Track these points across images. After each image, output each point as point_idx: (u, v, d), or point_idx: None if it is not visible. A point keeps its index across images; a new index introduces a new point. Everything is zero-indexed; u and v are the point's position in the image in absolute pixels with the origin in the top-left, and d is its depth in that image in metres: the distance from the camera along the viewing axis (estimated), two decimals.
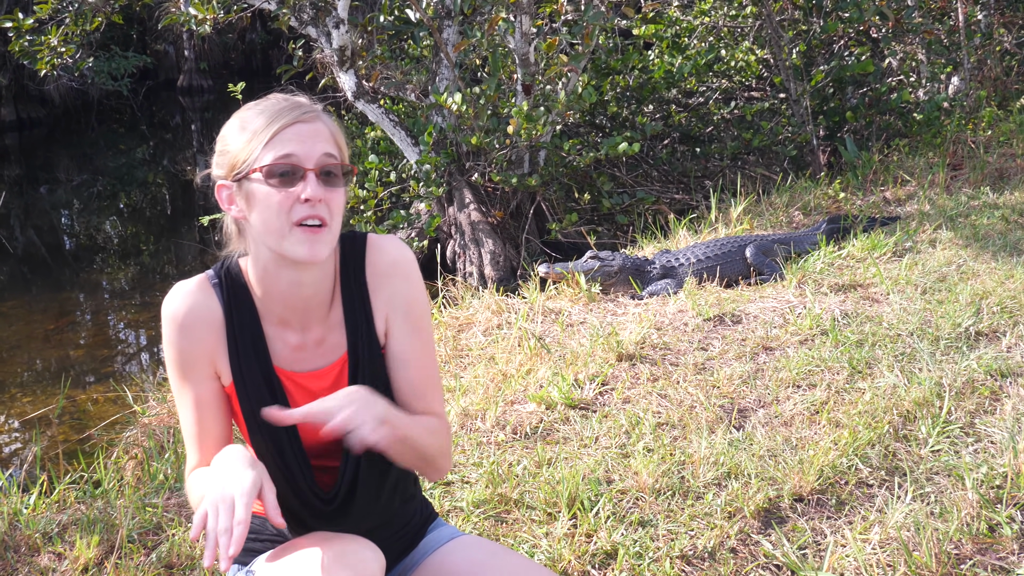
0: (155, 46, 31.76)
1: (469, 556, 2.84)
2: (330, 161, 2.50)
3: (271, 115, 2.49)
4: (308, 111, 2.51)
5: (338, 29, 10.32)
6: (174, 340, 2.60)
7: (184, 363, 2.61)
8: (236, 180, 2.53)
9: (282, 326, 2.67)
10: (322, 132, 2.52)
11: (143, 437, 5.83)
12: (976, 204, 8.99)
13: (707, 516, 4.23)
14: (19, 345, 9.93)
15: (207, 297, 2.62)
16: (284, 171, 2.46)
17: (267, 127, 2.48)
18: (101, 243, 15.57)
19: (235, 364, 2.62)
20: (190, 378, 2.62)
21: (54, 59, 11.55)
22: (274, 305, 2.64)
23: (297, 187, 2.46)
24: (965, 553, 3.90)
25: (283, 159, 2.46)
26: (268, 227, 2.49)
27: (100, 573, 4.04)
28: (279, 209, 2.46)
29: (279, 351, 2.66)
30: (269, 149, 2.47)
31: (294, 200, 2.46)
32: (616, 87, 12.32)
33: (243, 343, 2.61)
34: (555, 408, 5.37)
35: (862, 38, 12.88)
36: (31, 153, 22.85)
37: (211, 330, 2.61)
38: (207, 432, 2.66)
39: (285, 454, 2.65)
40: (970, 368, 5.46)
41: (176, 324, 2.59)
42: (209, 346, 2.61)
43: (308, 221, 2.46)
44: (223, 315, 2.62)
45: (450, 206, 10.76)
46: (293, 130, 2.48)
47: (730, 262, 7.56)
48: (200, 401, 2.64)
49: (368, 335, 2.72)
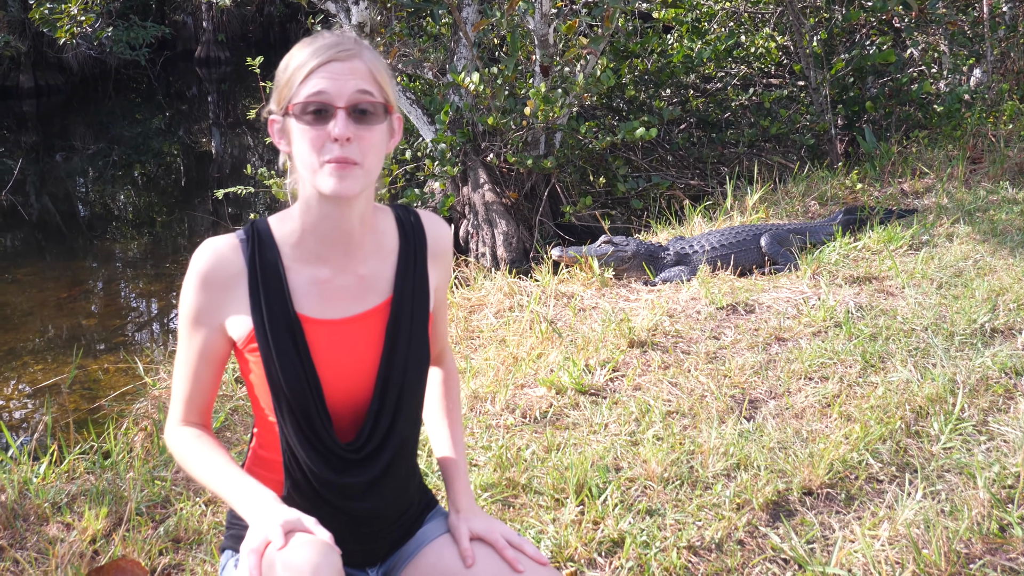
0: (174, 16, 31.74)
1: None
2: (364, 98, 2.50)
3: (311, 52, 2.52)
4: (346, 48, 2.52)
5: (358, 5, 10.28)
6: (192, 293, 2.62)
7: (198, 312, 2.62)
8: (283, 116, 2.58)
9: (318, 264, 2.65)
10: (358, 69, 2.52)
11: (153, 409, 5.83)
12: (995, 199, 8.95)
13: (715, 507, 4.22)
14: (32, 312, 9.95)
15: (231, 252, 2.62)
16: (315, 108, 2.48)
17: (305, 63, 2.51)
18: (115, 212, 15.57)
19: (256, 310, 2.60)
20: (199, 327, 2.63)
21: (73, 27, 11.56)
22: (314, 242, 2.64)
23: (328, 125, 2.48)
24: (975, 553, 3.89)
25: (314, 96, 2.48)
26: (303, 163, 2.52)
27: (108, 545, 4.04)
28: (310, 147, 2.49)
29: (306, 297, 2.64)
30: (304, 85, 2.50)
31: (325, 139, 2.48)
32: (634, 70, 12.29)
33: (264, 290, 2.60)
34: (565, 393, 5.36)
35: (884, 27, 12.80)
36: (48, 120, 22.86)
37: (231, 283, 2.61)
38: (199, 386, 2.68)
39: (308, 410, 2.62)
40: (985, 365, 5.43)
41: (199, 276, 2.60)
42: (225, 301, 2.61)
43: (336, 159, 2.48)
44: (246, 267, 2.62)
45: (464, 186, 10.74)
46: (328, 68, 2.49)
47: (745, 251, 7.53)
48: (203, 351, 2.65)
49: (422, 294, 2.77)
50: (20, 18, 22.85)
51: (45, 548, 4.02)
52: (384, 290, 2.71)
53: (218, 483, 2.56)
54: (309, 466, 2.64)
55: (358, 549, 2.78)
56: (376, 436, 2.67)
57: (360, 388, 2.67)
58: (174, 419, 2.73)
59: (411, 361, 2.72)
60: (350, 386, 2.64)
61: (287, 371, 2.59)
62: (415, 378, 2.74)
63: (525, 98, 9.86)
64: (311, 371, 2.61)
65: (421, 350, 2.75)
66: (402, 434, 2.75)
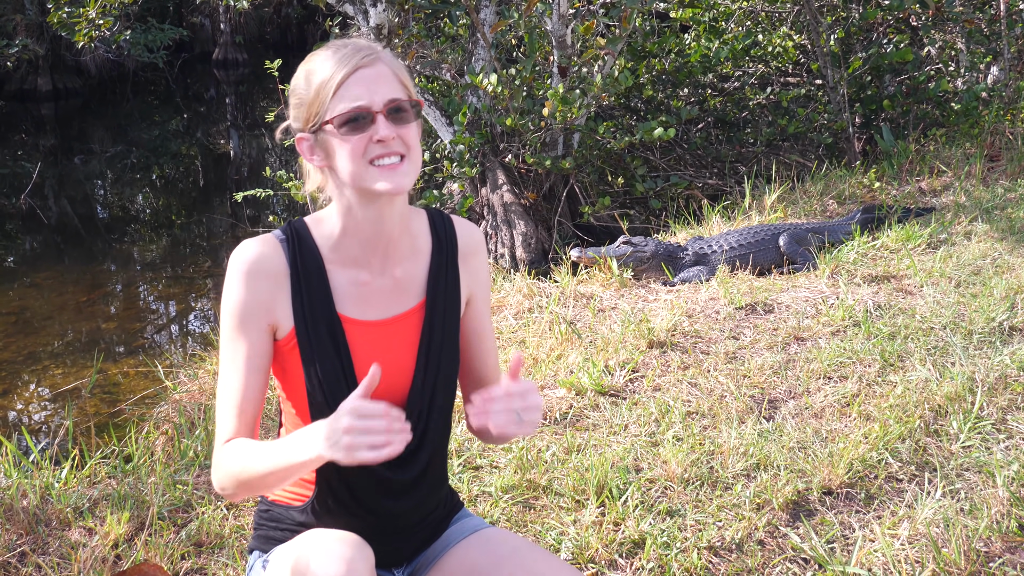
0: (191, 19, 31.82)
1: (491, 551, 2.81)
2: (398, 99, 2.55)
3: (334, 64, 2.54)
4: (368, 54, 2.55)
5: (375, 7, 10.30)
6: (238, 289, 2.60)
7: (243, 313, 2.60)
8: (312, 132, 2.59)
9: (357, 267, 2.68)
10: (384, 73, 2.56)
11: (174, 413, 5.85)
12: (1013, 197, 8.92)
13: (735, 507, 4.22)
14: (51, 316, 10.00)
15: (274, 250, 2.63)
16: (354, 117, 2.51)
17: (332, 77, 2.53)
18: (134, 215, 15.64)
19: (298, 309, 2.62)
20: (246, 330, 2.60)
21: (92, 31, 11.60)
22: (354, 245, 2.66)
23: (369, 131, 2.52)
24: (994, 551, 3.89)
25: (352, 107, 2.51)
26: (349, 172, 2.54)
27: (130, 549, 4.07)
28: (354, 154, 2.52)
29: (346, 298, 2.66)
30: (338, 99, 2.52)
31: (367, 143, 2.52)
32: (652, 70, 12.27)
33: (307, 289, 2.62)
34: (585, 394, 5.38)
35: (901, 26, 12.77)
36: (66, 123, 22.95)
37: (275, 281, 2.61)
38: (250, 395, 2.62)
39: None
40: (1003, 363, 5.43)
41: (242, 274, 2.60)
42: (270, 297, 2.61)
43: (384, 160, 2.53)
44: (288, 266, 2.63)
45: (483, 187, 10.76)
46: (357, 76, 2.52)
47: (763, 250, 7.53)
48: (251, 357, 2.61)
49: (453, 296, 2.79)
50: (38, 22, 22.95)
51: (67, 553, 4.04)
52: (418, 292, 2.75)
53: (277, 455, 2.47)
54: (351, 472, 2.63)
55: (385, 549, 2.79)
56: (414, 436, 2.66)
57: (397, 388, 2.70)
58: (223, 438, 2.63)
59: (444, 362, 2.76)
60: (387, 386, 2.66)
61: (327, 371, 2.62)
62: (448, 378, 2.78)
63: (543, 99, 9.87)
64: (350, 371, 2.64)
65: (453, 351, 2.80)
66: (437, 434, 2.79)
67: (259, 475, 2.50)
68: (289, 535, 2.72)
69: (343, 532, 2.51)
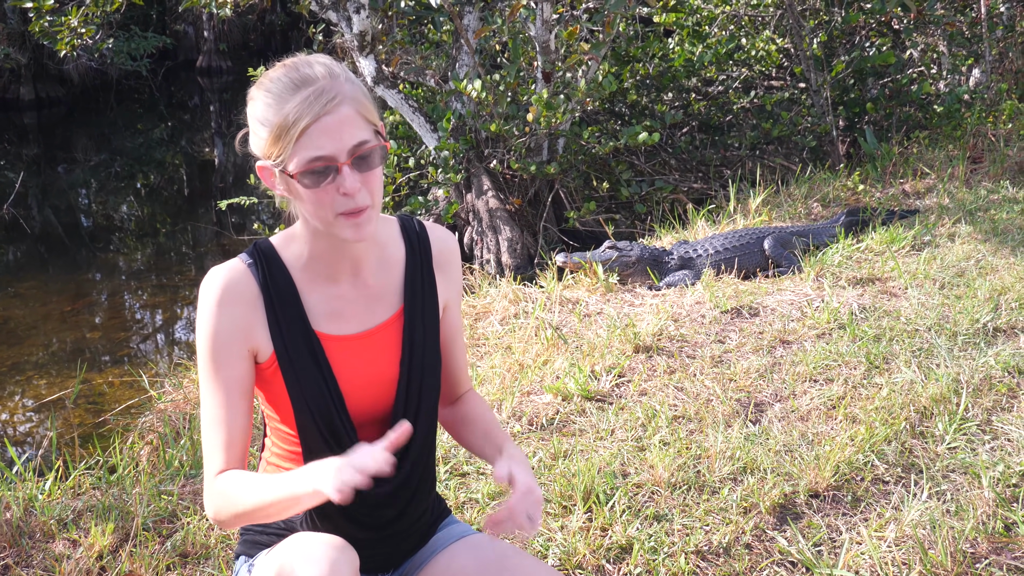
0: (175, 26, 31.72)
1: (478, 556, 2.81)
2: (363, 148, 2.45)
3: (297, 107, 2.41)
4: (331, 99, 2.42)
5: (359, 14, 10.30)
6: (211, 319, 2.56)
7: (219, 343, 2.55)
8: (278, 170, 2.50)
9: (329, 282, 2.65)
10: (348, 117, 2.43)
11: (159, 423, 5.83)
12: (996, 198, 8.95)
13: (722, 511, 4.22)
14: (35, 326, 9.95)
15: (243, 275, 2.59)
16: (319, 170, 2.42)
17: (291, 128, 2.41)
18: (118, 224, 15.58)
19: (275, 332, 2.59)
20: (224, 359, 2.56)
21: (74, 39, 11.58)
22: (321, 263, 2.64)
23: (335, 182, 2.43)
24: (981, 552, 3.89)
25: (315, 161, 2.41)
26: (313, 216, 2.49)
27: (115, 561, 4.04)
28: (320, 205, 2.45)
29: (322, 316, 2.64)
30: (298, 150, 2.42)
31: (333, 194, 2.44)
32: (636, 75, 12.30)
33: (281, 311, 2.59)
34: (571, 400, 5.37)
35: (883, 29, 12.81)
36: (50, 132, 22.87)
37: (249, 305, 2.58)
38: (236, 423, 2.57)
39: (333, 423, 2.63)
40: (988, 364, 5.44)
41: (214, 302, 2.55)
42: (246, 323, 2.57)
43: (350, 210, 2.45)
44: (259, 289, 2.59)
45: (468, 193, 10.76)
46: (319, 126, 2.40)
47: (748, 254, 7.54)
48: (232, 384, 2.57)
49: (431, 302, 2.78)
50: (20, 30, 22.84)
51: (51, 566, 4.02)
52: (394, 302, 2.73)
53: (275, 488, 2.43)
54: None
55: (372, 556, 2.79)
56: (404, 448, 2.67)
57: (382, 398, 2.69)
58: (215, 469, 2.58)
59: (427, 367, 2.75)
60: (372, 397, 2.67)
61: (310, 390, 2.60)
62: (432, 384, 2.77)
63: (527, 104, 9.88)
64: (334, 387, 2.62)
65: (435, 357, 2.79)
66: (423, 439, 2.78)
67: (258, 507, 2.46)
68: (275, 539, 2.71)
69: (327, 535, 2.51)
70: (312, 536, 2.51)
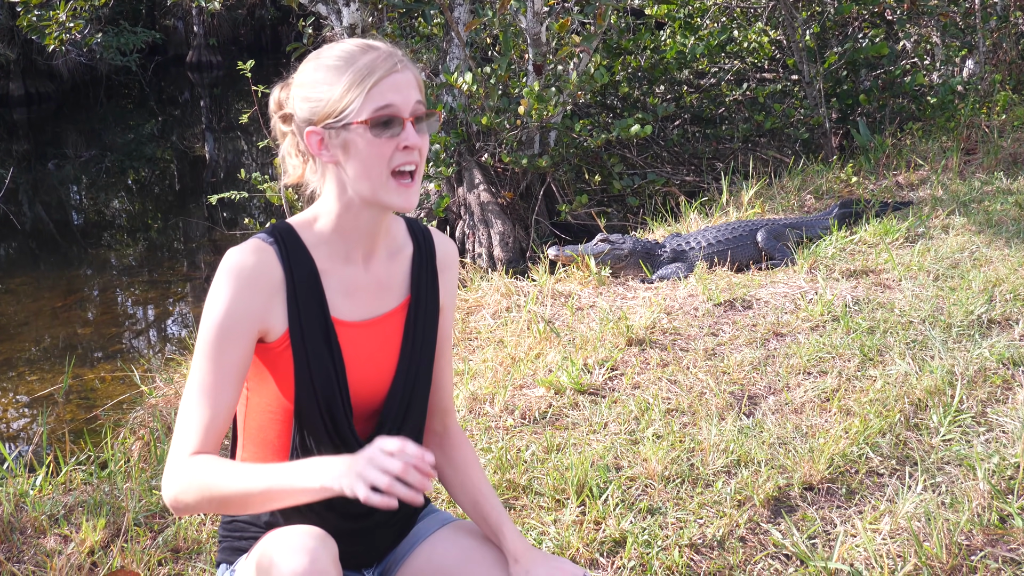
0: (164, 21, 31.65)
1: (459, 543, 2.85)
2: (422, 109, 2.58)
3: (367, 66, 2.53)
4: (400, 60, 2.57)
5: (348, 7, 10.27)
6: (227, 299, 2.52)
7: (230, 323, 2.52)
8: (329, 128, 2.56)
9: (345, 265, 2.67)
10: (412, 81, 2.58)
11: (150, 419, 5.80)
12: (990, 190, 8.95)
13: (716, 504, 4.21)
14: (27, 322, 9.92)
15: (268, 257, 2.58)
16: (387, 120, 2.52)
17: (365, 79, 2.52)
18: (109, 219, 15.54)
19: (293, 314, 2.59)
20: (231, 341, 2.53)
21: (62, 34, 11.50)
22: (341, 243, 2.66)
23: (399, 135, 2.53)
24: (976, 544, 3.88)
25: (385, 110, 2.51)
26: (367, 174, 2.55)
27: (106, 556, 4.02)
28: (379, 158, 2.53)
29: (337, 301, 2.66)
30: (370, 101, 2.51)
31: (394, 148, 2.53)
32: (628, 67, 12.27)
33: (303, 295, 2.60)
34: (564, 393, 5.35)
35: (876, 20, 12.81)
36: (39, 128, 22.80)
37: (271, 288, 2.57)
38: (221, 406, 2.53)
39: (335, 409, 2.63)
40: (982, 356, 5.43)
41: (235, 283, 2.53)
42: (264, 306, 2.56)
43: (405, 167, 2.55)
44: (283, 273, 2.59)
45: (459, 186, 10.73)
46: (390, 81, 2.53)
47: (741, 246, 7.52)
48: (231, 366, 2.54)
49: (433, 298, 2.83)
50: (8, 25, 22.75)
51: (42, 561, 4.00)
52: (400, 291, 2.77)
53: (267, 476, 2.40)
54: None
55: (355, 551, 2.79)
56: (392, 432, 2.69)
57: (379, 386, 2.72)
58: (184, 452, 2.51)
59: (423, 361, 2.80)
60: (371, 384, 2.70)
61: (319, 374, 2.61)
62: (426, 378, 2.81)
63: (519, 97, 9.85)
64: (342, 373, 2.64)
65: (431, 352, 2.84)
66: (412, 435, 2.79)
67: (238, 494, 2.41)
68: (255, 543, 2.68)
69: (307, 527, 2.51)
70: (291, 529, 2.51)
